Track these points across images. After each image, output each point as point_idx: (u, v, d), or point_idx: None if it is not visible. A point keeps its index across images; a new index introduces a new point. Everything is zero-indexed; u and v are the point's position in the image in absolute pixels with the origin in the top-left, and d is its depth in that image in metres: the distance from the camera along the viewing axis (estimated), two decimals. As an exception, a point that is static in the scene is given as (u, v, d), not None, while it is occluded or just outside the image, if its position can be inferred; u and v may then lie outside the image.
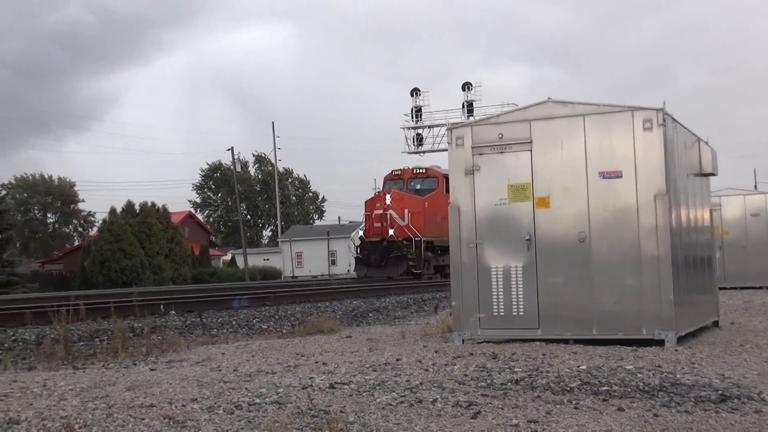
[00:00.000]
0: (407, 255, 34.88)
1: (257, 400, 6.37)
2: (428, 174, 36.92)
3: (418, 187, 36.60)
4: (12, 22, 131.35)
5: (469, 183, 10.57)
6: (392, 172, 37.85)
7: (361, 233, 37.22)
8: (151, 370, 8.92)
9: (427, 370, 7.99)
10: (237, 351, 10.63)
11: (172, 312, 16.85)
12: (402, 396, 6.52)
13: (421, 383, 7.12)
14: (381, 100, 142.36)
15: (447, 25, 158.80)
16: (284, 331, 15.52)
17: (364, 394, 6.68)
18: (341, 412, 5.93)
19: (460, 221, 10.60)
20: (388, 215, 35.18)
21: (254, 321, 16.83)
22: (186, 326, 15.34)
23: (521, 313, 10.25)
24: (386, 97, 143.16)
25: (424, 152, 55.25)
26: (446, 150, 11.13)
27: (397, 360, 8.81)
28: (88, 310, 13.95)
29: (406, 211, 35.11)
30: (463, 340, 10.40)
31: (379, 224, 35.57)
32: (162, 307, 16.76)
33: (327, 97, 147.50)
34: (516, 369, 7.84)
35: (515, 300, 10.29)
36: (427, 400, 6.36)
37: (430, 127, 55.35)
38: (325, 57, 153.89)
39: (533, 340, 10.01)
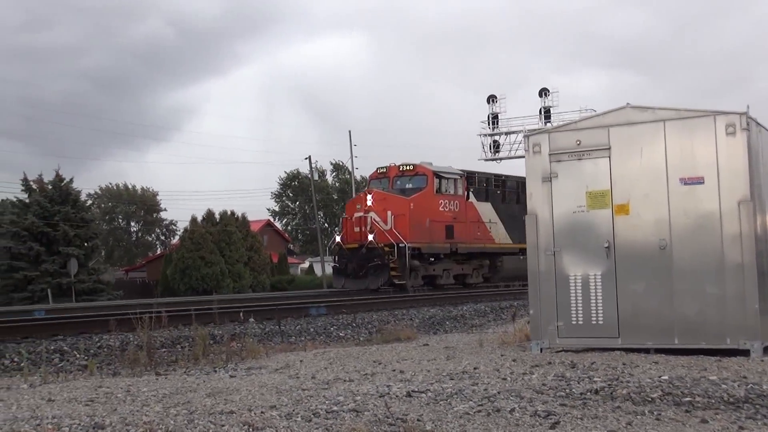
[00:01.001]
0: (389, 263, 30.02)
1: (335, 408, 6.41)
2: (416, 171, 31.92)
3: (406, 186, 31.94)
4: (94, 37, 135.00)
5: (547, 190, 10.47)
6: (377, 169, 33.37)
7: (338, 239, 32.23)
8: (231, 376, 9.04)
9: (504, 378, 7.94)
10: (315, 358, 10.71)
11: (252, 319, 17.06)
12: (479, 405, 6.49)
13: (498, 392, 7.07)
14: (455, 107, 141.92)
15: (520, 31, 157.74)
16: (361, 338, 15.59)
17: (441, 402, 6.67)
18: (418, 420, 5.92)
19: (537, 229, 10.51)
20: (369, 218, 30.56)
21: (332, 328, 16.95)
22: (265, 333, 15.53)
23: (600, 322, 10.10)
24: (460, 104, 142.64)
25: (501, 159, 54.92)
26: (523, 157, 11.05)
27: (475, 368, 8.76)
28: (170, 318, 14.22)
29: (389, 213, 30.34)
30: (541, 349, 10.29)
31: (358, 228, 31.13)
32: (241, 314, 16.98)
33: (401, 104, 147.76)
34: (595, 378, 7.73)
35: (594, 308, 10.14)
36: (505, 409, 6.31)
37: (506, 133, 54.98)
38: (399, 65, 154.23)
39: (613, 350, 9.85)
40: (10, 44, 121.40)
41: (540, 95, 53.81)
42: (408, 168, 31.94)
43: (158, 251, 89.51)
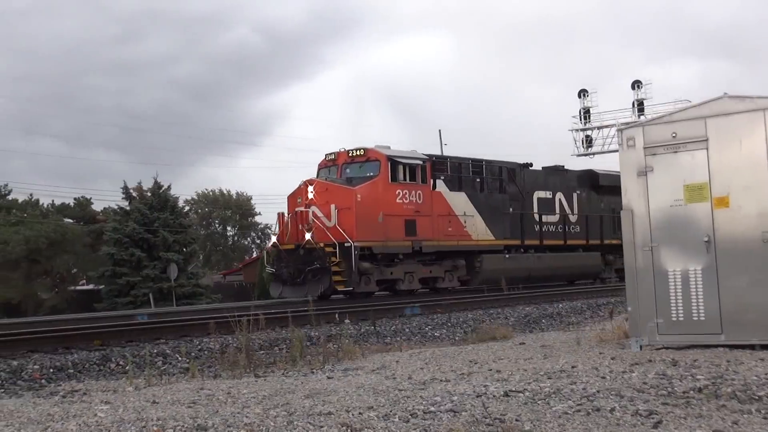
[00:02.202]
0: (331, 266, 24.55)
1: (432, 409, 6.41)
2: (367, 156, 26.36)
3: (356, 174, 26.55)
4: (184, 47, 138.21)
5: (642, 185, 10.27)
6: (326, 156, 27.66)
7: (274, 239, 26.88)
8: (328, 378, 9.13)
9: (603, 377, 7.81)
10: (410, 359, 10.73)
11: (347, 320, 17.20)
12: (578, 404, 6.40)
13: (598, 391, 6.97)
14: (543, 102, 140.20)
15: (607, 22, 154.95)
16: (457, 338, 15.55)
17: (539, 402, 6.60)
18: (516, 420, 5.88)
19: (633, 224, 10.31)
20: (310, 213, 25.41)
21: (427, 328, 16.96)
22: (360, 334, 15.64)
23: (702, 318, 9.85)
24: (548, 99, 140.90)
25: (593, 154, 54.03)
26: (617, 151, 10.85)
27: (573, 367, 8.65)
28: (267, 320, 14.44)
29: (332, 207, 25.08)
30: (640, 347, 10.09)
31: (302, 226, 25.71)
32: (337, 315, 17.14)
33: (489, 102, 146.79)
34: (698, 376, 7.55)
35: (695, 304, 9.90)
36: (605, 408, 6.21)
37: (599, 128, 54.04)
38: (484, 62, 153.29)
39: (715, 346, 9.60)
40: (105, 57, 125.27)
41: (632, 87, 52.70)
42: (358, 153, 26.62)
43: (254, 254, 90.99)
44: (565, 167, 34.30)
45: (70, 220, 52.30)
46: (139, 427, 6.09)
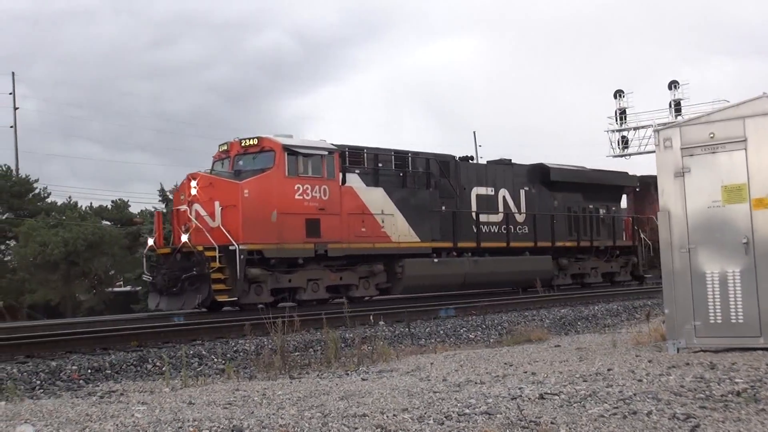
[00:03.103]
0: (210, 273, 20.59)
1: (467, 411, 6.40)
2: (261, 146, 22.73)
3: (249, 167, 22.83)
4: (218, 51, 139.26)
5: (679, 186, 10.17)
6: (219, 147, 23.98)
7: (150, 242, 23.11)
8: (363, 379, 9.14)
9: (640, 380, 7.75)
10: (445, 361, 10.72)
11: (381, 322, 17.21)
12: (615, 407, 6.35)
13: (634, 394, 6.91)
14: (577, 104, 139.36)
15: (641, 22, 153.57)
16: (491, 340, 15.51)
17: (574, 405, 6.56)
18: (552, 423, 5.85)
19: (670, 226, 10.21)
20: (193, 212, 21.86)
21: (461, 330, 16.93)
22: (395, 336, 15.65)
23: (740, 321, 9.73)
24: (584, 100, 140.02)
25: (630, 155, 53.64)
26: (653, 152, 10.77)
27: (609, 370, 8.59)
28: (302, 322, 14.49)
29: (216, 204, 21.37)
30: (677, 349, 10.00)
31: (184, 227, 22.13)
32: (371, 317, 17.15)
33: (523, 103, 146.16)
34: (737, 380, 7.46)
35: (733, 307, 9.78)
36: (642, 411, 6.16)
37: (635, 129, 53.65)
38: (518, 64, 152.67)
39: (755, 349, 9.48)
40: (140, 62, 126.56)
41: (669, 88, 52.26)
42: (251, 143, 22.94)
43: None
44: (512, 161, 30.02)
45: (108, 222, 52.74)
46: (175, 428, 6.14)
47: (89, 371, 11.95)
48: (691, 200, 10.10)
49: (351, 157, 24.36)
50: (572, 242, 30.27)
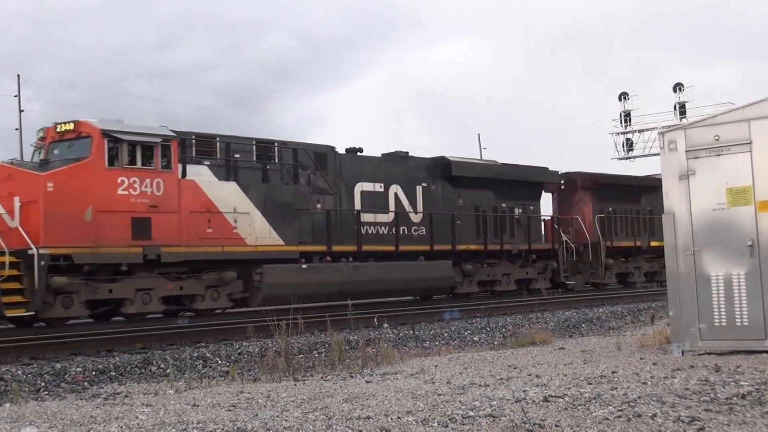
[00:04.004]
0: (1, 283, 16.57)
1: (471, 413, 6.39)
2: (78, 131, 18.87)
3: (64, 156, 18.82)
4: (222, 53, 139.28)
5: (684, 188, 10.16)
6: (37, 135, 20.19)
7: None
8: (367, 382, 9.13)
9: (645, 383, 7.73)
10: (449, 363, 10.71)
11: (386, 325, 17.21)
12: (619, 410, 6.34)
13: (639, 397, 6.89)
14: (582, 106, 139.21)
15: (644, 24, 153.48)
16: (496, 342, 15.50)
17: (579, 407, 6.55)
18: (556, 426, 5.84)
19: (675, 228, 10.20)
20: None
21: (465, 333, 16.93)
22: (399, 338, 15.65)
23: (745, 324, 9.72)
24: (587, 102, 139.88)
25: (635, 158, 53.54)
26: (658, 155, 10.75)
27: (613, 372, 8.58)
28: (306, 324, 14.49)
29: (15, 200, 17.85)
30: (682, 352, 9.98)
31: None
32: (375, 319, 17.14)
33: (526, 105, 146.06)
34: (742, 383, 7.44)
35: (738, 309, 9.76)
36: (646, 414, 6.15)
37: (639, 131, 53.56)
38: (521, 66, 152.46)
39: (759, 352, 9.46)
40: (145, 64, 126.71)
41: (674, 90, 52.17)
42: (67, 128, 19.08)
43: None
44: (409, 154, 25.97)
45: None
46: (179, 430, 6.15)
47: (94, 373, 11.98)
48: (696, 203, 10.08)
49: (198, 146, 20.89)
50: (478, 245, 26.39)
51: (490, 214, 27.20)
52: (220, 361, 13.07)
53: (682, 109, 51.31)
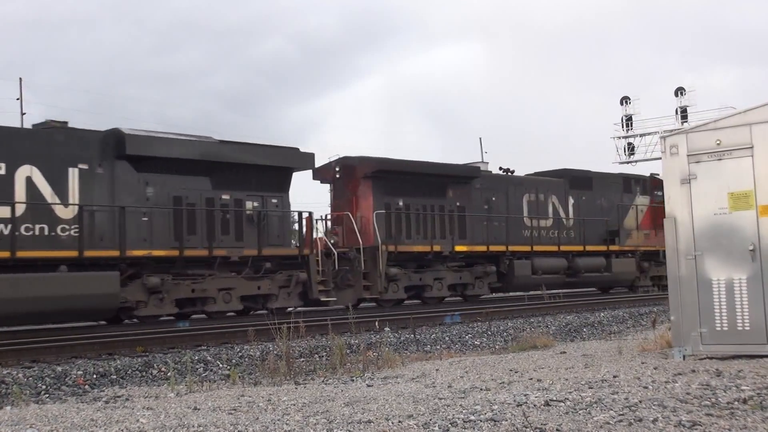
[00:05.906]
0: None
1: (472, 417, 6.38)
2: None
3: None
4: (221, 58, 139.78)
5: (686, 192, 10.15)
6: None
7: None
8: (368, 386, 9.12)
9: (646, 387, 7.72)
10: (450, 367, 10.70)
11: (387, 328, 17.20)
12: (620, 414, 6.33)
13: (640, 401, 6.88)
14: (583, 110, 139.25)
15: (643, 29, 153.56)
16: (497, 347, 15.48)
17: (580, 411, 6.54)
18: (557, 430, 5.83)
19: (676, 232, 10.19)
20: None
21: (467, 337, 16.91)
22: (400, 342, 15.63)
23: (747, 328, 9.71)
24: (587, 106, 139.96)
25: (636, 162, 53.58)
26: (659, 159, 10.76)
27: (614, 377, 8.56)
28: (307, 327, 14.48)
29: None
30: (683, 357, 9.97)
31: None
32: (377, 323, 17.14)
33: (526, 109, 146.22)
34: (743, 387, 7.43)
35: (740, 314, 9.75)
36: (647, 419, 6.14)
37: (641, 135, 53.60)
38: (519, 70, 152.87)
39: (761, 356, 9.45)
40: (143, 68, 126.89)
41: (676, 94, 52.24)
42: None
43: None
44: (69, 124, 19.23)
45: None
46: (180, 434, 6.14)
47: (94, 376, 11.97)
48: (698, 207, 10.08)
49: None
50: (171, 251, 19.28)
51: (199, 207, 20.09)
52: (221, 365, 13.05)
53: (683, 113, 51.36)
